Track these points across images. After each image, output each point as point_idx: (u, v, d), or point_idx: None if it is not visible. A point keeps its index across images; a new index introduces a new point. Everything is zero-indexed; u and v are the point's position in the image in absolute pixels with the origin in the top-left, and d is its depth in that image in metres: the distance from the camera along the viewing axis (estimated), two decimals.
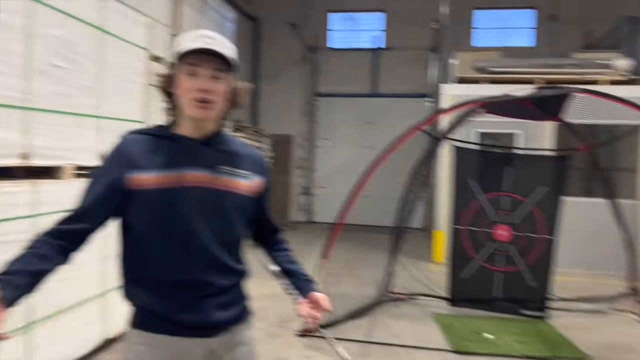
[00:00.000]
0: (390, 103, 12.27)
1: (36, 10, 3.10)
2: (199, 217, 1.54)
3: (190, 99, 1.50)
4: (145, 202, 1.52)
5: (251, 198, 1.66)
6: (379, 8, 12.59)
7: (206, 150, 1.58)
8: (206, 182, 1.55)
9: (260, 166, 1.71)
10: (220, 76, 1.52)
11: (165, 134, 1.59)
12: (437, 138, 5.07)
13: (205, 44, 1.49)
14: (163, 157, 1.53)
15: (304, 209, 12.99)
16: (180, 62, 1.51)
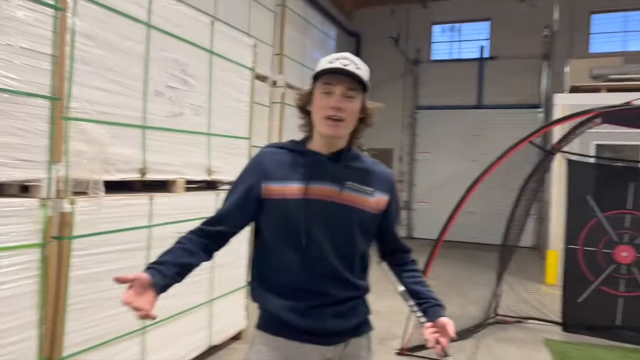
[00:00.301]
0: (497, 114, 11.75)
1: (152, 36, 3.35)
2: (320, 229, 1.62)
3: (323, 117, 1.60)
4: (272, 210, 1.65)
5: (374, 215, 1.70)
6: (483, 17, 12.16)
7: (334, 165, 1.66)
8: (330, 196, 1.63)
9: (387, 184, 1.75)
10: (352, 95, 1.61)
11: (298, 148, 1.70)
12: (549, 151, 4.73)
13: (341, 64, 1.59)
14: (292, 169, 1.65)
15: (404, 224, 12.78)
16: (316, 81, 1.64)
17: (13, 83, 2.42)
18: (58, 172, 2.69)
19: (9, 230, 2.44)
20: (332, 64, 1.60)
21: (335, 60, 1.61)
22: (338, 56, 1.63)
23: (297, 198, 1.61)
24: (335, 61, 1.61)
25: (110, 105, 3.05)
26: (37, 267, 2.57)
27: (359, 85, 1.62)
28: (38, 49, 2.52)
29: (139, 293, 1.44)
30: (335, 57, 1.63)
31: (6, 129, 2.42)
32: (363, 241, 1.70)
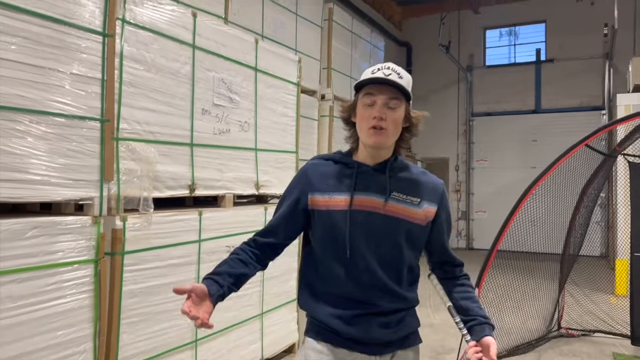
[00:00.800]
0: (557, 119, 11.28)
1: (198, 57, 3.46)
2: (365, 240, 1.61)
3: (366, 127, 1.60)
4: (318, 221, 1.67)
5: (422, 226, 1.67)
6: (538, 19, 11.77)
7: (379, 176, 1.65)
8: (375, 207, 1.62)
9: (435, 194, 1.71)
10: (394, 105, 1.60)
11: (343, 160, 1.71)
12: (610, 154, 4.48)
13: (383, 74, 1.59)
14: (338, 181, 1.67)
15: (463, 235, 12.44)
16: (359, 92, 1.65)
17: (66, 107, 2.56)
18: (109, 190, 2.81)
19: (65, 247, 2.56)
20: (374, 74, 1.60)
21: (377, 71, 1.61)
22: (380, 66, 1.63)
23: (342, 209, 1.62)
24: (377, 71, 1.61)
25: (158, 125, 3.16)
26: (91, 282, 2.68)
27: (401, 94, 1.62)
28: (88, 74, 2.66)
29: (197, 303, 1.50)
30: (377, 68, 1.63)
31: (61, 151, 2.56)
32: (411, 253, 1.68)
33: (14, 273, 2.34)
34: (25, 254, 2.38)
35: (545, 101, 11.59)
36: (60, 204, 2.69)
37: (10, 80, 2.33)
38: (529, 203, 4.37)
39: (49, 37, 2.47)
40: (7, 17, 2.31)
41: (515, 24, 12.12)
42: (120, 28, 2.87)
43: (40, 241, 2.44)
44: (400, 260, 1.66)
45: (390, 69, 1.62)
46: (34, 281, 2.41)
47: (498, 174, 11.95)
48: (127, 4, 2.92)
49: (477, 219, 12.23)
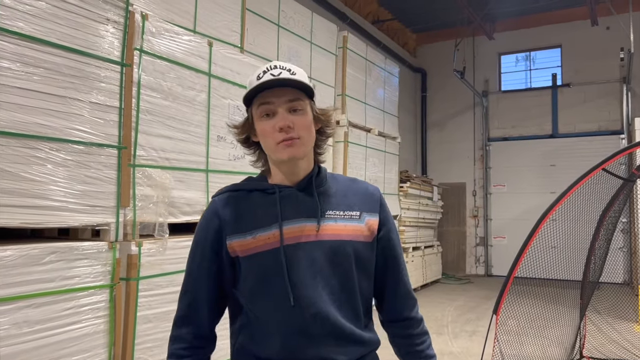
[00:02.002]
0: (575, 143, 11.18)
1: (214, 85, 3.54)
2: (310, 277, 1.30)
3: (273, 143, 1.29)
4: (245, 270, 1.32)
5: (367, 243, 1.37)
6: (553, 44, 11.79)
7: (304, 196, 1.35)
8: (310, 234, 1.31)
9: (372, 202, 1.42)
10: (298, 107, 1.30)
11: (258, 186, 1.38)
12: (628, 179, 4.42)
13: (271, 76, 1.29)
14: (258, 214, 1.34)
15: (481, 261, 12.26)
16: (251, 105, 1.33)
17: (85, 135, 2.63)
18: (126, 216, 2.86)
19: (82, 272, 2.60)
20: (262, 79, 1.28)
21: (263, 74, 1.30)
22: (265, 68, 1.32)
23: (272, 248, 1.29)
24: (264, 74, 1.30)
25: (175, 152, 3.22)
26: (106, 307, 2.71)
27: (302, 93, 1.32)
28: (107, 103, 2.74)
29: None
30: (262, 71, 1.31)
31: (80, 177, 2.62)
32: (364, 281, 1.38)
33: (32, 298, 2.37)
34: (42, 278, 2.42)
35: (563, 125, 11.50)
36: (78, 229, 2.74)
37: (32, 109, 2.41)
38: (548, 228, 4.31)
39: (70, 67, 2.56)
40: (31, 49, 2.40)
41: (530, 49, 12.14)
42: (138, 58, 2.96)
43: (58, 266, 2.48)
44: (354, 293, 1.35)
45: (278, 68, 1.31)
46: (50, 306, 2.45)
47: (516, 199, 11.81)
48: (145, 34, 3.01)
49: (496, 245, 12.06)
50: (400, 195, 8.46)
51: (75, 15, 2.59)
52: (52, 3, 2.48)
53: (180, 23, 3.62)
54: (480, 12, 10.17)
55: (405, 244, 8.45)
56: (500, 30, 11.79)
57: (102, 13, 2.73)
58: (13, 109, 2.33)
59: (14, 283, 2.30)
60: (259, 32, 5.06)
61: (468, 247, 12.33)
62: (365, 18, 10.17)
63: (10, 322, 2.28)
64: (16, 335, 2.30)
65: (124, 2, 2.83)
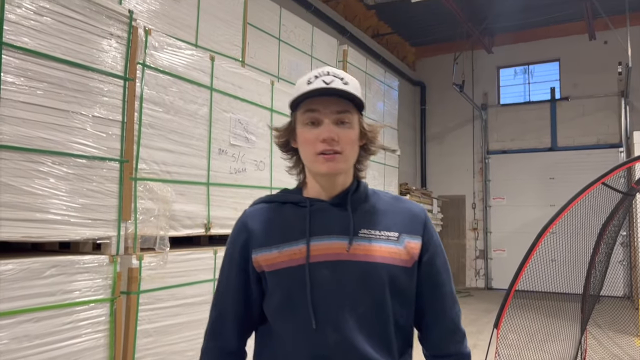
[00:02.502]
0: (574, 156, 11.21)
1: (215, 99, 3.56)
2: (335, 300, 1.20)
3: (313, 153, 1.22)
4: (271, 287, 1.26)
5: (405, 268, 1.25)
6: (551, 58, 11.87)
7: (339, 212, 1.26)
8: (340, 253, 1.22)
9: (414, 223, 1.30)
10: (346, 119, 1.23)
11: (290, 199, 1.32)
12: (627, 193, 4.44)
13: (323, 83, 1.21)
14: (287, 228, 1.26)
15: (481, 274, 12.23)
16: (296, 110, 1.27)
17: (87, 149, 2.64)
18: (127, 229, 2.86)
19: (82, 286, 2.59)
20: (312, 85, 1.21)
21: (314, 79, 1.22)
22: (317, 73, 1.24)
23: (297, 265, 1.22)
24: (315, 80, 1.22)
25: (176, 165, 3.23)
26: (107, 322, 2.70)
27: (352, 105, 1.24)
28: (109, 117, 2.75)
29: None
30: (313, 75, 1.24)
31: (82, 191, 2.63)
32: (399, 309, 1.25)
33: (32, 312, 2.36)
34: (43, 292, 2.41)
35: (562, 139, 11.55)
36: (79, 243, 2.73)
37: (35, 123, 2.42)
38: (548, 242, 4.31)
39: (73, 81, 2.58)
40: (36, 64, 2.42)
41: (529, 63, 12.23)
42: (141, 72, 2.98)
43: (58, 280, 2.48)
44: (387, 322, 1.23)
45: (331, 75, 1.23)
46: (50, 320, 2.44)
47: (516, 212, 11.82)
48: (148, 49, 3.04)
49: (496, 258, 12.03)
50: None
51: (80, 31, 2.61)
52: (56, 18, 2.51)
53: (182, 37, 3.65)
54: (479, 26, 10.26)
55: None
56: (499, 44, 11.88)
57: (106, 28, 2.75)
58: (16, 123, 2.34)
59: (14, 297, 2.29)
60: (260, 46, 5.10)
61: (468, 260, 12.31)
62: (365, 32, 10.25)
63: (10, 336, 2.27)
64: (16, 350, 2.29)
65: (127, 17, 2.86)
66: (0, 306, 2.24)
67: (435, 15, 10.34)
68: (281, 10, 5.48)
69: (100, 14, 2.71)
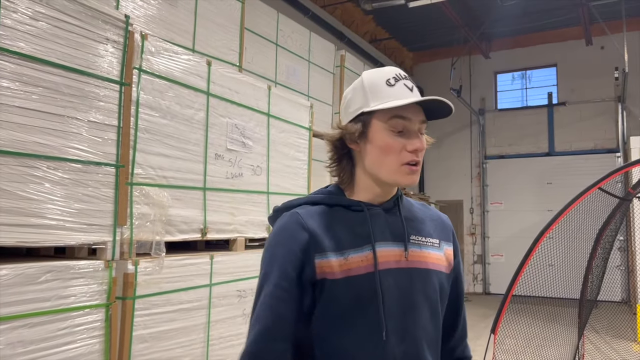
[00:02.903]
0: (571, 161, 11.24)
1: (212, 103, 3.56)
2: (401, 309, 1.15)
3: (397, 163, 1.15)
4: (331, 296, 1.14)
5: (447, 275, 1.26)
6: (548, 63, 11.91)
7: (390, 217, 1.22)
8: (400, 260, 1.18)
9: (447, 231, 1.32)
10: (424, 130, 1.21)
11: (339, 201, 1.22)
12: (624, 198, 4.44)
13: (407, 88, 1.18)
14: (346, 232, 1.17)
15: (479, 279, 12.22)
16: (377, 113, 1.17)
17: (83, 154, 2.64)
18: (122, 234, 2.85)
19: (78, 292, 2.58)
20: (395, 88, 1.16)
21: (394, 80, 1.17)
22: (395, 74, 1.19)
23: (366, 272, 1.13)
24: (396, 82, 1.17)
25: (172, 170, 3.23)
26: (102, 327, 2.68)
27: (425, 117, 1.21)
28: (105, 122, 2.75)
29: None
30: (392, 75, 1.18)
31: (77, 196, 2.62)
32: (444, 313, 1.27)
33: (26, 317, 2.35)
34: (37, 298, 2.40)
35: (559, 144, 11.58)
36: (74, 248, 2.72)
37: (30, 128, 2.41)
38: (545, 246, 4.31)
39: (69, 86, 2.58)
40: (31, 69, 2.42)
41: (526, 69, 12.27)
42: (137, 77, 2.98)
43: (53, 285, 2.47)
44: (439, 330, 1.22)
45: (408, 79, 1.20)
46: (45, 326, 2.42)
47: (514, 216, 11.83)
48: (144, 54, 3.04)
49: (494, 263, 12.03)
50: None
51: (76, 35, 2.61)
52: (52, 23, 2.50)
53: (179, 42, 3.65)
54: (476, 31, 10.29)
55: None
56: (496, 49, 11.93)
57: (102, 33, 2.75)
58: (11, 128, 2.34)
59: (9, 302, 2.28)
60: (258, 51, 5.11)
61: (466, 265, 12.31)
62: (363, 37, 10.28)
63: (4, 342, 2.25)
64: (10, 356, 2.27)
65: (123, 22, 2.86)
66: None
67: (433, 21, 10.38)
68: (278, 16, 5.49)
69: (96, 19, 2.71)
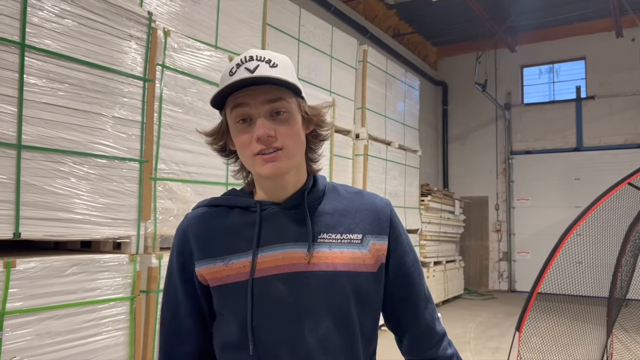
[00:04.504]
0: (600, 156, 10.98)
1: None
2: (292, 319, 1.03)
3: (250, 155, 1.04)
4: (217, 306, 1.10)
5: (372, 275, 1.09)
6: (577, 56, 11.64)
7: (294, 216, 1.09)
8: (298, 263, 1.05)
9: (379, 221, 1.13)
10: (282, 109, 1.03)
11: (239, 202, 1.12)
12: None
13: (246, 71, 1.01)
14: (234, 236, 1.09)
15: (505, 276, 12.05)
16: (226, 107, 1.07)
17: (108, 149, 2.68)
18: (146, 229, 2.89)
19: (103, 285, 2.63)
20: (234, 76, 1.01)
21: (237, 68, 1.02)
22: (240, 59, 1.04)
23: (244, 280, 1.05)
24: (238, 69, 1.02)
25: (195, 165, 3.26)
26: (127, 320, 2.73)
27: (286, 90, 1.04)
28: (129, 117, 2.79)
29: None
30: (235, 64, 1.04)
31: (102, 191, 2.67)
32: (367, 318, 1.10)
33: (54, 309, 2.41)
34: (64, 290, 2.45)
35: (588, 139, 11.31)
36: (99, 242, 2.77)
37: (57, 124, 2.46)
38: (572, 243, 4.23)
39: (94, 82, 2.62)
40: (57, 66, 2.46)
41: (553, 62, 12.01)
42: (160, 73, 3.01)
43: (80, 278, 2.52)
44: (354, 336, 1.07)
45: (255, 59, 1.02)
46: (72, 318, 2.48)
47: (540, 213, 11.61)
48: (167, 50, 3.07)
49: (520, 260, 11.84)
50: (421, 209, 8.39)
51: (100, 32, 2.65)
52: (78, 20, 2.55)
53: (201, 39, 3.68)
54: (501, 24, 10.12)
55: (426, 258, 8.36)
56: (522, 43, 11.71)
57: (126, 30, 2.79)
58: (39, 124, 2.39)
59: (37, 295, 2.34)
60: (280, 47, 5.11)
61: (491, 262, 12.15)
62: (386, 32, 10.20)
63: (33, 333, 2.31)
64: (38, 347, 2.33)
65: (146, 19, 2.89)
66: (24, 303, 2.29)
67: (457, 14, 10.23)
68: (301, 11, 5.48)
69: (120, 16, 2.75)
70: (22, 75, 2.32)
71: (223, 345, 1.08)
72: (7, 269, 2.22)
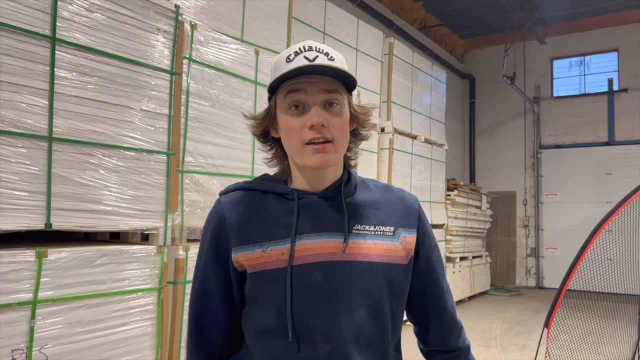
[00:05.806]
0: (632, 150, 10.68)
1: (260, 92, 3.58)
2: (328, 307, 1.04)
3: (299, 143, 1.04)
4: (252, 291, 1.09)
5: (403, 266, 1.12)
6: (609, 48, 11.33)
7: (330, 207, 1.09)
8: (335, 253, 1.05)
9: (409, 215, 1.16)
10: (335, 101, 1.05)
11: (275, 188, 1.12)
12: None
13: (305, 60, 1.03)
14: (272, 222, 1.08)
15: (532, 272, 11.86)
16: (276, 94, 1.08)
17: (136, 142, 2.71)
18: (174, 220, 2.92)
19: (131, 275, 2.67)
20: (292, 63, 1.03)
21: (295, 56, 1.04)
22: (299, 48, 1.06)
23: (282, 267, 1.05)
24: (296, 57, 1.04)
25: (221, 158, 3.28)
26: (154, 310, 2.77)
27: (340, 84, 1.06)
28: (157, 110, 2.82)
29: None
30: (293, 51, 1.05)
31: (130, 183, 2.70)
32: (397, 309, 1.13)
33: (84, 299, 2.45)
34: (94, 280, 2.50)
35: (620, 132, 11.01)
36: (128, 233, 2.82)
37: (86, 116, 2.50)
38: (603, 240, 4.12)
39: (122, 76, 2.65)
40: (87, 59, 2.50)
41: (584, 54, 11.71)
42: (187, 66, 3.03)
43: (109, 269, 2.56)
44: (385, 331, 1.09)
45: (314, 50, 1.04)
46: (101, 307, 2.52)
47: (570, 208, 11.36)
48: (194, 43, 3.09)
49: (548, 256, 11.62)
50: (448, 204, 8.30)
51: (128, 26, 2.68)
52: (106, 14, 2.58)
53: (228, 32, 3.69)
54: (531, 16, 9.90)
55: (452, 253, 8.27)
56: (552, 35, 11.44)
57: (153, 23, 2.81)
58: (69, 117, 2.43)
59: (68, 284, 2.39)
60: (305, 40, 5.10)
61: (518, 258, 11.96)
62: (412, 24, 10.09)
63: (64, 321, 2.36)
64: (69, 335, 2.38)
65: (174, 12, 2.91)
66: (55, 292, 2.34)
67: (485, 6, 10.05)
68: (326, 4, 5.46)
69: (148, 10, 2.77)
70: (52, 69, 2.36)
71: (258, 331, 1.08)
72: (40, 259, 2.28)
